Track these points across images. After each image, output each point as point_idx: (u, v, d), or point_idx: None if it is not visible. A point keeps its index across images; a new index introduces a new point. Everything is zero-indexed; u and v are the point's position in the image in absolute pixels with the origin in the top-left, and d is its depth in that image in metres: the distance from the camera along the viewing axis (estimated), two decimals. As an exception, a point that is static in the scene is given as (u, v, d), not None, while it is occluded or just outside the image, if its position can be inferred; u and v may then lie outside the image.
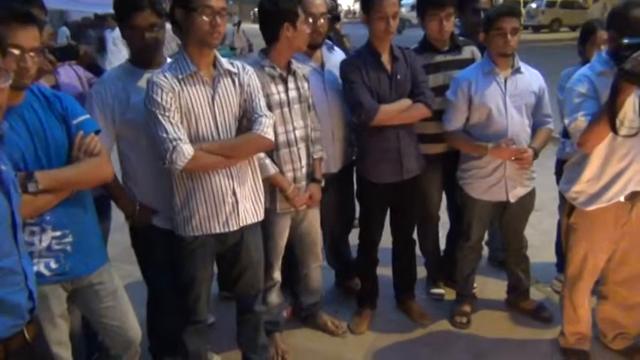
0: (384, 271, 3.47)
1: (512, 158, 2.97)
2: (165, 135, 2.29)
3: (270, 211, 2.78)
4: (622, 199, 2.62)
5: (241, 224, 2.51)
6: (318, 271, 3.26)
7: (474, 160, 3.13)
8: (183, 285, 2.57)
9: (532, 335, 3.21)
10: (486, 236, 3.67)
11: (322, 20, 3.10)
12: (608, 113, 2.36)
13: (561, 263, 3.44)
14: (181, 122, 2.33)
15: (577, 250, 2.80)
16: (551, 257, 3.72)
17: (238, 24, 19.26)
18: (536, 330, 3.24)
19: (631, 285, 2.83)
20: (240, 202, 2.48)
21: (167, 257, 2.62)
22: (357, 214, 3.48)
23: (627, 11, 2.45)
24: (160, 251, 2.64)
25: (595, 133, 2.45)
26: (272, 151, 2.74)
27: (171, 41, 9.17)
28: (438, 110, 3.15)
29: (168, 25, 2.59)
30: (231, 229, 2.49)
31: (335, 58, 3.28)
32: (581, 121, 2.49)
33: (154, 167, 2.45)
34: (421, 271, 3.63)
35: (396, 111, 3.02)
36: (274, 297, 3.04)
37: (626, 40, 2.30)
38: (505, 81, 3.04)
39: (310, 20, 2.99)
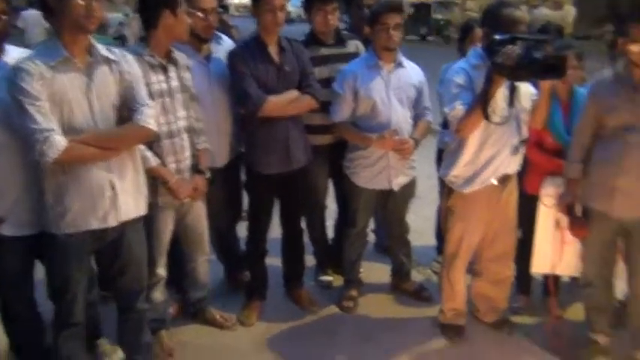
0: (273, 261, 3.49)
1: (395, 149, 3.11)
2: (34, 126, 2.11)
3: (152, 205, 2.67)
4: (494, 181, 2.84)
5: (121, 219, 2.39)
6: (206, 265, 3.19)
7: (360, 150, 3.24)
8: (58, 286, 2.39)
9: (414, 314, 3.39)
10: (372, 224, 3.82)
11: (213, 15, 3.03)
12: (481, 102, 2.56)
13: (440, 246, 3.68)
14: (54, 112, 2.16)
15: (454, 231, 3.00)
16: (431, 241, 3.95)
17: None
18: (418, 309, 3.43)
19: (501, 261, 3.10)
20: (119, 196, 2.35)
21: (21, 266, 2.50)
22: (245, 206, 3.45)
23: (499, 10, 2.67)
24: (11, 261, 2.48)
25: (470, 120, 2.65)
26: (153, 142, 2.63)
27: (34, 28, 8.46)
28: (324, 102, 3.20)
29: (29, 12, 2.40)
30: (110, 225, 2.36)
31: (223, 48, 3.21)
32: (458, 109, 2.68)
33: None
34: (309, 260, 3.70)
35: (283, 102, 3.03)
36: (158, 294, 2.93)
37: (497, 37, 2.49)
38: (388, 74, 3.16)
39: (201, 15, 2.93)
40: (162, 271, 2.91)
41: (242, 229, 3.50)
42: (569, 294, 3.39)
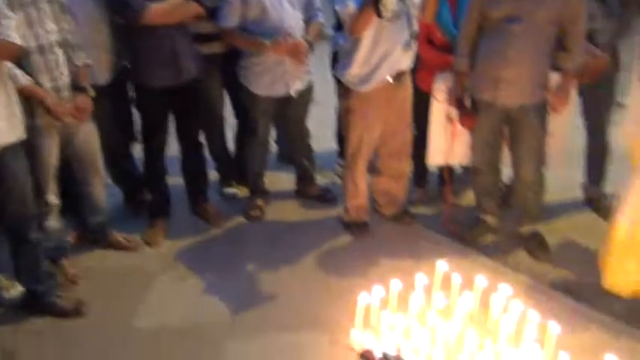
0: (174, 178, 3.40)
1: (290, 53, 3.04)
2: None
3: (31, 128, 2.45)
4: (389, 79, 2.89)
5: (-4, 146, 2.19)
6: (101, 188, 3.04)
7: (254, 57, 3.13)
8: None
9: (320, 216, 3.50)
10: (274, 134, 3.80)
11: None
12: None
13: (341, 149, 3.75)
14: None
15: (354, 130, 3.06)
16: (332, 145, 4.00)
17: None
18: (323, 211, 3.53)
19: (399, 157, 3.23)
20: (-11, 120, 2.14)
21: None
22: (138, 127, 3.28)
23: None
24: None
25: (363, 18, 2.65)
26: (21, 59, 2.38)
27: None
28: (212, 8, 3.03)
29: None
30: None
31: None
32: (351, 7, 2.67)
33: None
34: (213, 174, 3.65)
35: (166, 9, 2.84)
36: (53, 222, 2.78)
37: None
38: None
39: None
40: (53, 198, 2.74)
41: (138, 150, 3.35)
42: (461, 183, 3.63)
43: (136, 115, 3.23)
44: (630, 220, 2.59)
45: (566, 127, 3.18)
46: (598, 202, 3.39)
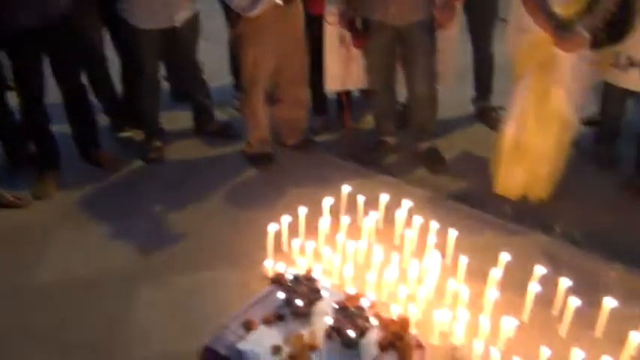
0: (60, 127, 3.16)
1: None
2: None
3: None
4: (279, 1, 2.79)
5: None
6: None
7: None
8: None
9: (224, 152, 3.43)
10: (164, 71, 3.61)
11: None
12: None
13: (237, 83, 3.63)
14: None
15: (248, 57, 2.97)
16: (228, 80, 3.87)
17: None
18: (225, 148, 3.46)
19: (296, 84, 3.18)
20: None
21: None
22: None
23: None
24: None
25: None
26: None
27: None
28: None
29: None
30: None
31: None
32: None
33: None
34: (103, 119, 3.44)
35: None
36: None
37: None
38: None
39: None
40: None
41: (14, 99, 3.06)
42: (360, 107, 3.67)
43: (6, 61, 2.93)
44: (515, 128, 2.76)
45: (454, 44, 3.27)
46: (487, 114, 3.57)
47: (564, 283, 2.21)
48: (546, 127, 2.68)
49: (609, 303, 2.10)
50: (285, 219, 2.55)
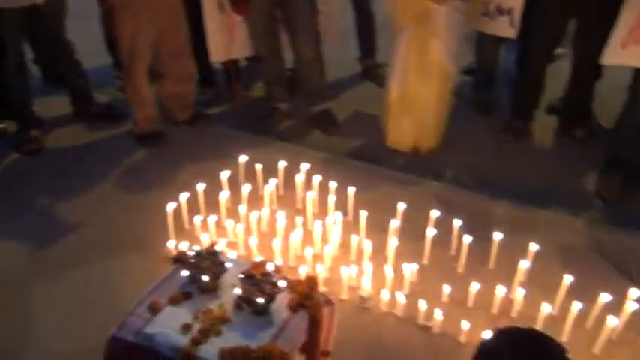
0: None
1: None
2: None
3: None
4: None
5: None
6: None
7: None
8: None
9: (110, 135, 3.25)
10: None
11: None
12: None
13: (116, 61, 3.44)
14: None
15: (123, 31, 2.83)
16: (106, 59, 3.64)
17: None
18: (112, 130, 3.28)
19: (180, 57, 3.06)
20: None
21: None
22: None
23: None
24: None
25: None
26: None
27: None
28: None
29: None
30: None
31: None
32: None
33: None
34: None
35: None
36: None
37: None
38: None
39: None
40: None
41: None
42: (249, 76, 3.61)
43: None
44: (400, 82, 2.85)
45: (336, 5, 3.29)
46: (374, 72, 3.65)
47: (457, 223, 2.34)
48: (427, 78, 2.79)
49: (497, 237, 2.27)
50: (184, 196, 2.48)
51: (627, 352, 2.00)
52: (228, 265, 1.75)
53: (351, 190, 2.53)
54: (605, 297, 2.02)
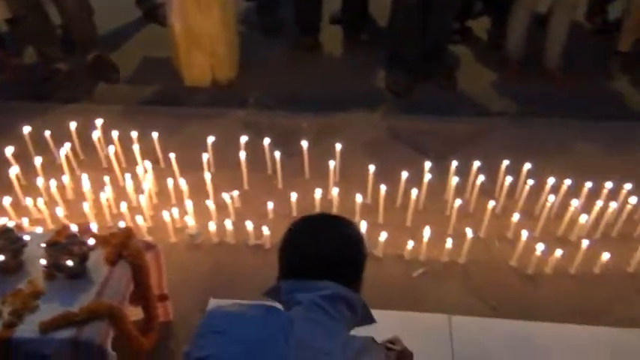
0: None
1: None
2: None
3: None
4: None
5: None
6: None
7: None
8: None
9: None
10: None
11: None
12: None
13: None
14: None
15: None
16: None
17: None
18: None
19: None
20: None
21: None
22: None
23: None
24: None
25: None
26: None
27: None
28: None
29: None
30: None
31: None
32: None
33: None
34: None
35: None
36: None
37: None
38: None
39: None
40: None
41: None
42: (17, 42, 3.22)
43: None
44: (180, 17, 2.75)
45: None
46: (154, 13, 3.43)
47: (266, 141, 2.39)
48: (207, 9, 2.72)
49: (305, 145, 2.37)
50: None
51: (432, 218, 2.24)
52: (26, 238, 1.60)
53: (155, 135, 2.43)
54: (404, 175, 2.24)
